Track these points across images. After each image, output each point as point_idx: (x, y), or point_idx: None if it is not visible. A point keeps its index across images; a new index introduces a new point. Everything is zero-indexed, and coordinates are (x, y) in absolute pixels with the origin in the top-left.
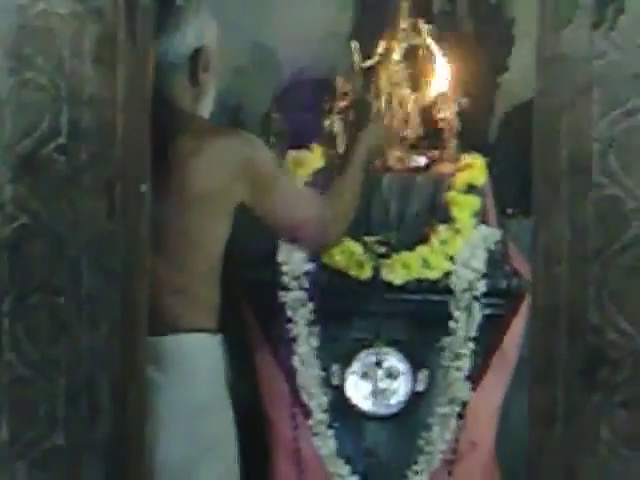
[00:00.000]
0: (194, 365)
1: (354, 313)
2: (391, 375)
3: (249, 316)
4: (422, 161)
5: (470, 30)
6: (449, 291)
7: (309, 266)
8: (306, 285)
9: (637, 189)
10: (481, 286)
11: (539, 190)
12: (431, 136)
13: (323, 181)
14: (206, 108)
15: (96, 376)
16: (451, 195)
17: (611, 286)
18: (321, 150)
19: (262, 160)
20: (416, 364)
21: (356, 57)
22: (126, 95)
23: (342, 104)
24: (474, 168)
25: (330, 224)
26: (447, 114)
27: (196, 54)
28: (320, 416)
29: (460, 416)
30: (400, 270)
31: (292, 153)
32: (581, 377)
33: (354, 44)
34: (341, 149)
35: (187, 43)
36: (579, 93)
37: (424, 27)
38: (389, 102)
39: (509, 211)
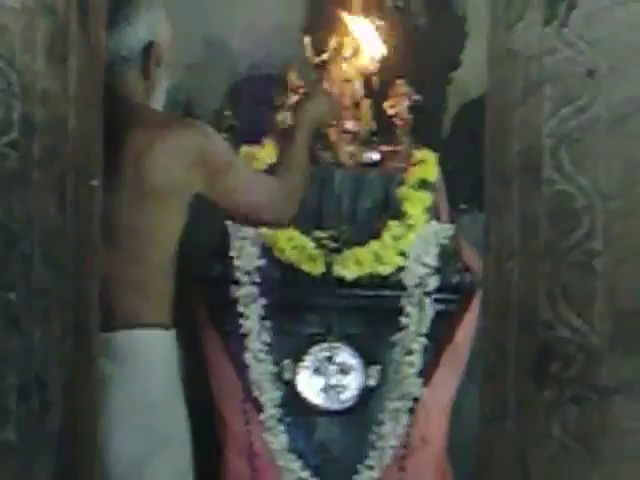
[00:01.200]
0: (148, 360)
1: (306, 308)
2: (343, 370)
3: (201, 311)
4: (375, 157)
5: (423, 25)
6: (401, 286)
7: (261, 261)
8: (258, 280)
9: (588, 186)
10: (433, 281)
11: (490, 186)
12: (384, 132)
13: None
14: (158, 102)
15: (48, 371)
16: (403, 191)
17: (562, 282)
18: (272, 146)
19: (215, 147)
20: (368, 359)
21: (308, 52)
22: (78, 90)
23: (294, 99)
24: (426, 164)
25: (283, 202)
26: (400, 109)
27: (148, 48)
28: (272, 411)
29: (411, 411)
30: (352, 265)
31: (244, 148)
32: (532, 373)
33: (306, 39)
34: None
35: (139, 37)
36: (530, 90)
37: (377, 23)
38: (342, 97)
39: (462, 206)
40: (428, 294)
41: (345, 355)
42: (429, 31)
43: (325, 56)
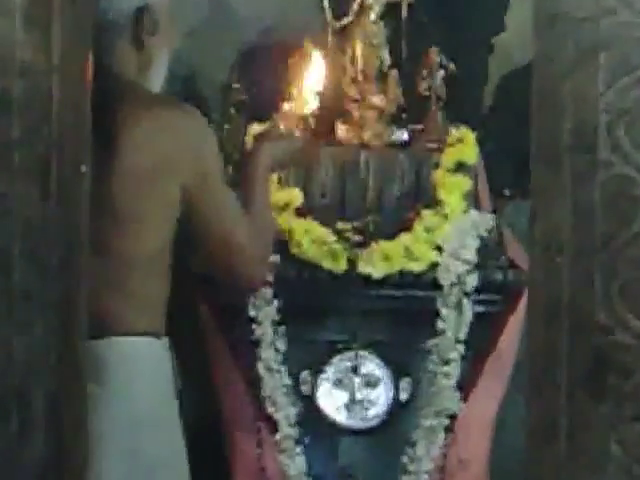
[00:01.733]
0: (135, 373)
1: (327, 312)
2: (369, 383)
3: (206, 316)
4: (404, 136)
5: None
6: (436, 286)
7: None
8: (271, 280)
9: None
10: (472, 280)
11: (537, 169)
12: (414, 107)
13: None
14: (156, 79)
15: (29, 386)
16: (438, 175)
17: (621, 279)
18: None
19: (210, 151)
20: (398, 370)
21: (328, 16)
22: (63, 62)
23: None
24: (464, 144)
25: (258, 256)
26: (433, 82)
27: (140, 13)
28: (288, 430)
29: (448, 430)
30: (379, 262)
31: (255, 127)
32: (587, 384)
33: (325, 1)
34: (311, 120)
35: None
36: (583, 57)
37: None
38: (366, 67)
39: (505, 193)
40: (467, 294)
41: (372, 365)
42: None
43: (347, 20)
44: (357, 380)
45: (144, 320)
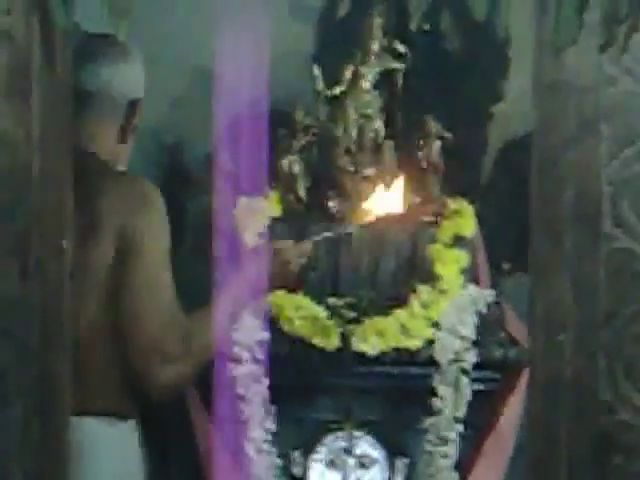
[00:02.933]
0: (91, 453)
1: (319, 390)
2: (364, 464)
3: (190, 394)
4: (399, 208)
5: (457, 50)
6: (433, 363)
7: (264, 334)
8: (261, 356)
9: None
10: (471, 357)
11: (538, 243)
12: (410, 179)
13: (282, 233)
14: (126, 159)
15: (7, 467)
16: (434, 249)
17: (625, 357)
18: (277, 196)
19: (149, 230)
20: (393, 451)
21: (319, 84)
22: (43, 133)
23: (303, 141)
24: (462, 216)
25: (187, 355)
26: (429, 152)
27: (132, 107)
28: None
29: None
30: (373, 338)
31: (243, 200)
32: (590, 466)
33: (316, 69)
34: (302, 193)
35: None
36: (585, 127)
37: (401, 48)
38: (360, 137)
39: (505, 267)
40: (465, 372)
41: (366, 446)
42: (464, 57)
43: (339, 88)
44: (351, 461)
45: (100, 399)
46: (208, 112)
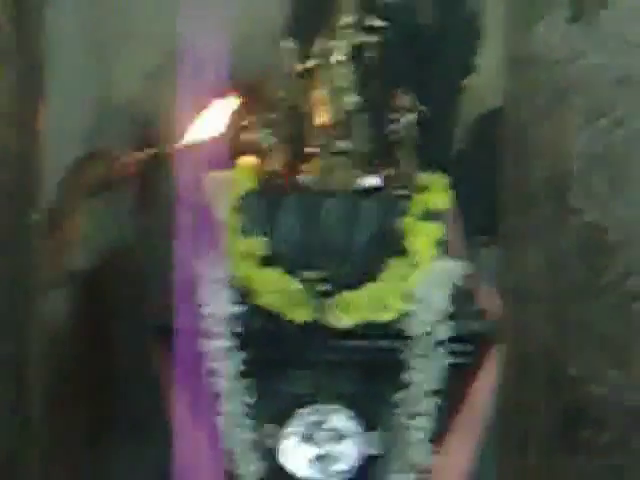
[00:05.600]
0: None
1: (291, 363)
2: (336, 437)
3: (162, 368)
4: (372, 181)
5: (429, 24)
6: (406, 336)
7: (236, 308)
8: (233, 331)
9: (625, 215)
10: (444, 330)
11: (509, 216)
12: (382, 152)
13: (257, 207)
14: None
15: None
16: (407, 222)
17: (595, 329)
18: (248, 170)
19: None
20: (367, 423)
21: (291, 58)
22: (13, 109)
23: (275, 115)
24: (435, 189)
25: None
26: (401, 125)
27: None
28: None
29: None
30: (346, 312)
31: (213, 174)
32: (560, 439)
33: (288, 42)
34: (277, 166)
35: None
36: (555, 100)
37: (373, 22)
38: (332, 111)
39: (480, 239)
40: (438, 344)
41: (339, 419)
42: (437, 31)
43: (312, 62)
44: (324, 434)
45: None
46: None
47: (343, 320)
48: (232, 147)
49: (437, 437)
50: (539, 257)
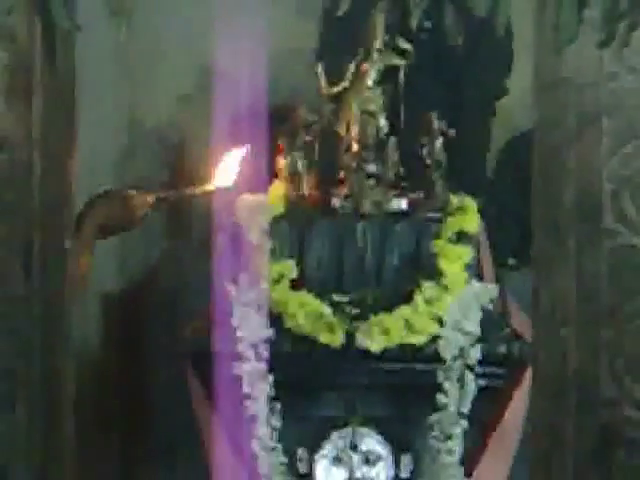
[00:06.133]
0: None
1: (324, 387)
2: (369, 460)
3: (197, 392)
4: (403, 205)
5: (459, 47)
6: (437, 359)
7: (268, 331)
8: (266, 354)
9: None
10: (475, 352)
11: (540, 238)
12: (413, 175)
13: (288, 231)
14: None
15: (13, 466)
16: (438, 245)
17: (627, 352)
18: (280, 193)
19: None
20: (398, 446)
21: (322, 82)
22: (44, 133)
23: (306, 138)
24: (465, 212)
25: None
26: (432, 148)
27: None
28: None
29: None
30: (378, 335)
31: (245, 198)
32: (593, 461)
33: (319, 66)
34: (306, 190)
35: None
36: (586, 124)
37: (404, 45)
38: (362, 134)
39: (510, 262)
40: (470, 367)
41: (371, 442)
42: (467, 53)
43: (342, 85)
44: (356, 457)
45: None
46: (211, 108)
47: (375, 343)
48: (265, 171)
49: (469, 460)
50: (571, 280)
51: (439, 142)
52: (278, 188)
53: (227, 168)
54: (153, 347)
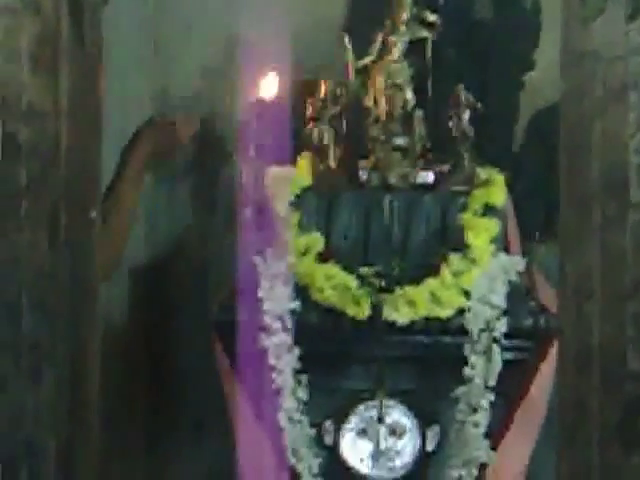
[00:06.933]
0: None
1: (350, 359)
2: (395, 432)
3: (223, 364)
4: (430, 177)
5: (486, 20)
6: (464, 332)
7: (295, 303)
8: (292, 326)
9: None
10: (501, 325)
11: (566, 212)
12: (440, 148)
13: (315, 204)
14: None
15: (39, 439)
16: (465, 218)
17: None
18: (308, 165)
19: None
20: (425, 419)
21: (349, 54)
22: (71, 105)
23: (333, 111)
24: (493, 185)
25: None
26: (460, 121)
27: None
28: None
29: None
30: (404, 307)
31: (274, 170)
32: (619, 433)
33: (346, 38)
34: (333, 163)
35: None
36: (613, 97)
37: (430, 17)
38: (390, 107)
39: (536, 236)
40: (496, 340)
41: (397, 414)
42: (494, 26)
43: (369, 58)
44: (382, 430)
45: None
46: (238, 82)
47: (401, 316)
48: (293, 143)
49: (494, 433)
50: (596, 253)
51: (466, 115)
52: (305, 160)
53: (267, 85)
54: (180, 320)
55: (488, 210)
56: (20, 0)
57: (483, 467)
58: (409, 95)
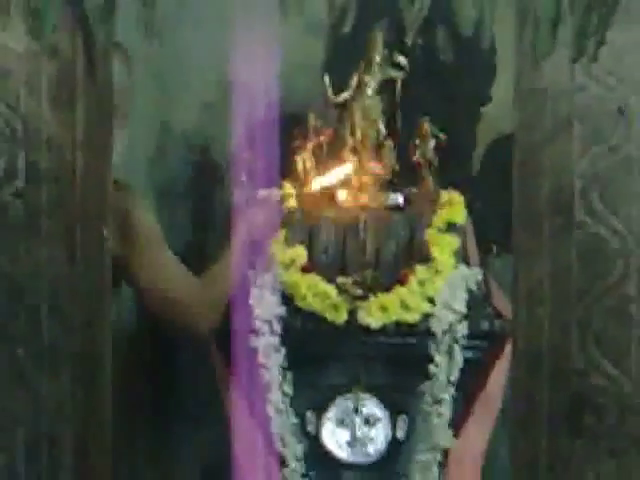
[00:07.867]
0: None
1: (330, 358)
2: (369, 422)
3: (220, 363)
4: (400, 199)
5: (449, 61)
6: (429, 334)
7: (281, 309)
8: (279, 330)
9: (621, 228)
10: (462, 328)
11: (519, 229)
12: (408, 173)
13: (297, 223)
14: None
15: (58, 429)
16: (430, 234)
17: (595, 328)
18: (293, 189)
19: (139, 217)
20: (395, 410)
21: (329, 91)
22: (86, 136)
23: (315, 141)
24: (454, 205)
25: (203, 308)
26: (425, 150)
27: None
28: (294, 465)
29: (442, 464)
30: (377, 312)
31: (261, 193)
32: (565, 424)
33: (326, 78)
34: (314, 187)
35: None
36: (560, 128)
37: (400, 59)
38: (364, 138)
39: (492, 249)
40: (457, 341)
41: (371, 406)
42: (456, 66)
43: (346, 94)
44: (358, 420)
45: None
46: (232, 116)
47: (375, 320)
48: (280, 169)
49: (456, 423)
50: (546, 265)
51: (431, 144)
52: (291, 184)
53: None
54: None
55: (450, 227)
56: (40, 44)
57: (446, 452)
58: (381, 127)
